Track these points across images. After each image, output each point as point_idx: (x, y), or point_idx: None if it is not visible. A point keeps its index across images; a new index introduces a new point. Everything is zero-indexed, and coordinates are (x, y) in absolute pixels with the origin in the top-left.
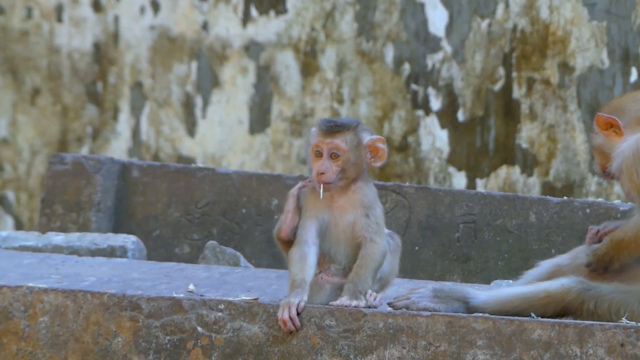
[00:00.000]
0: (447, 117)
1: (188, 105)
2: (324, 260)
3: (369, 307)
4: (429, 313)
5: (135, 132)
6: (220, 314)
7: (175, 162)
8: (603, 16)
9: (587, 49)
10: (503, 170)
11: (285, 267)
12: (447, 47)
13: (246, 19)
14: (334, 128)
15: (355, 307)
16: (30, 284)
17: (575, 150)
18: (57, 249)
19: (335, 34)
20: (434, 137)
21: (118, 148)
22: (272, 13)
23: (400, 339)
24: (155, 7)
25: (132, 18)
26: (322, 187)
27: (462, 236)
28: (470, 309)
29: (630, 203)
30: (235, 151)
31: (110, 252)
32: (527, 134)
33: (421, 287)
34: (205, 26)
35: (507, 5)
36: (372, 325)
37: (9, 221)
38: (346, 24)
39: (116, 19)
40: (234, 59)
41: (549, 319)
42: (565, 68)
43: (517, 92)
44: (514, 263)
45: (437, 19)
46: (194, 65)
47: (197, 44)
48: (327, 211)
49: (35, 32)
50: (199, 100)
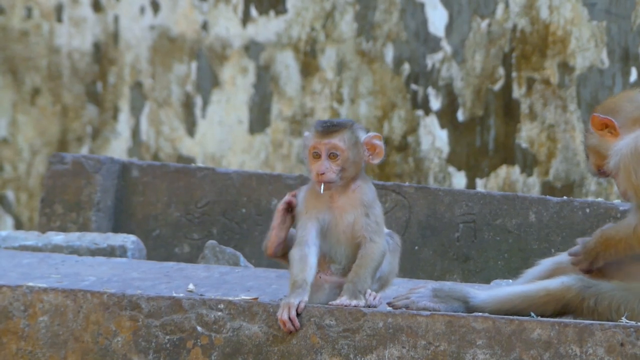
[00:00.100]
0: (447, 117)
1: (188, 105)
2: (324, 260)
3: (369, 307)
4: (428, 313)
5: (135, 132)
6: (220, 313)
7: (175, 162)
8: (603, 16)
9: (587, 48)
10: (503, 170)
11: (284, 267)
12: (447, 47)
13: (246, 19)
14: (330, 128)
15: (355, 306)
16: (30, 284)
17: (575, 150)
18: (57, 249)
19: (335, 34)
20: (434, 137)
21: (118, 148)
22: (272, 13)
23: (400, 339)
24: (155, 7)
25: (132, 18)
26: (322, 184)
27: (462, 236)
28: (470, 308)
29: (627, 202)
30: (235, 151)
31: (110, 252)
32: (527, 133)
33: (421, 286)
34: (205, 26)
35: (507, 5)
36: (372, 325)
37: (9, 221)
38: (346, 24)
39: (116, 19)
40: (234, 59)
41: (548, 319)
42: (565, 68)
43: (517, 92)
44: (514, 263)
45: (437, 19)
46: (194, 65)
47: (197, 44)
48: (327, 211)
49: (35, 32)
50: (199, 100)
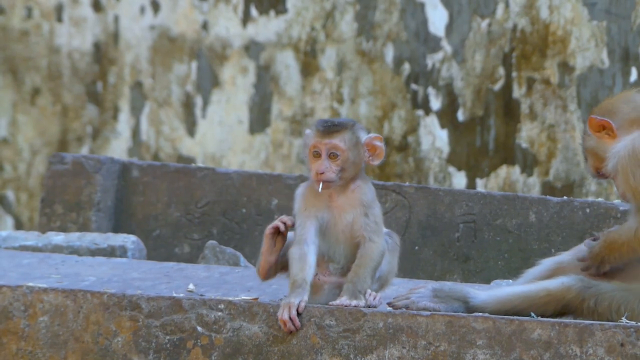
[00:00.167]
0: (447, 117)
1: (188, 105)
2: (323, 260)
3: (369, 307)
4: (428, 313)
5: (135, 132)
6: (220, 313)
7: (175, 162)
8: (603, 16)
9: (587, 48)
10: (503, 170)
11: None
12: (447, 47)
13: (246, 18)
14: (331, 128)
15: (355, 306)
16: (30, 284)
17: (575, 150)
18: (57, 249)
19: (335, 33)
20: (434, 137)
21: (118, 148)
22: (272, 13)
23: (400, 339)
24: (155, 7)
25: (132, 18)
26: (321, 183)
27: (462, 236)
28: (470, 308)
29: (627, 203)
30: (235, 151)
31: (110, 252)
32: (527, 133)
33: (421, 286)
34: (205, 26)
35: (507, 5)
36: (372, 325)
37: (9, 221)
38: (346, 24)
39: (116, 19)
40: (234, 59)
41: (548, 319)
42: (565, 68)
43: (517, 91)
44: (514, 263)
45: (437, 19)
46: (194, 65)
47: (197, 43)
48: (326, 211)
49: (35, 32)
50: (199, 100)
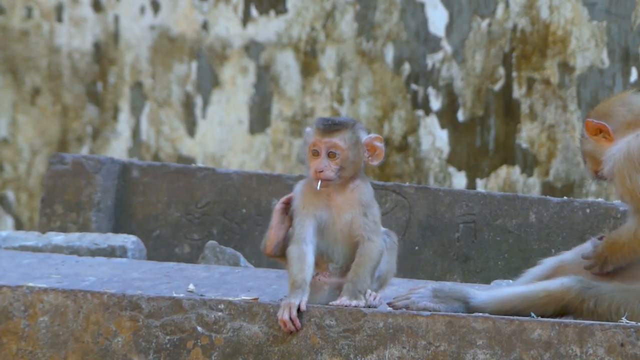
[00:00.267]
0: (447, 117)
1: (188, 105)
2: (322, 260)
3: (369, 307)
4: (429, 313)
5: (135, 132)
6: (220, 313)
7: (175, 162)
8: (603, 16)
9: (587, 48)
10: (503, 170)
11: (284, 268)
12: (447, 47)
13: (246, 18)
14: (331, 127)
15: (355, 306)
16: (30, 284)
17: (575, 150)
18: (57, 249)
19: (335, 33)
20: (434, 137)
21: (118, 148)
22: (272, 13)
23: (400, 339)
24: (155, 7)
25: (132, 18)
26: (319, 181)
27: (462, 236)
28: (470, 308)
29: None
30: (235, 151)
31: (110, 252)
32: (527, 133)
33: (421, 287)
34: (205, 26)
35: (507, 5)
36: (372, 325)
37: (9, 221)
38: (346, 24)
39: (116, 19)
40: (234, 59)
41: (548, 319)
42: (565, 68)
43: (517, 92)
44: (514, 263)
45: (437, 19)
46: (194, 65)
47: (197, 43)
48: (325, 210)
49: (35, 32)
50: (199, 100)
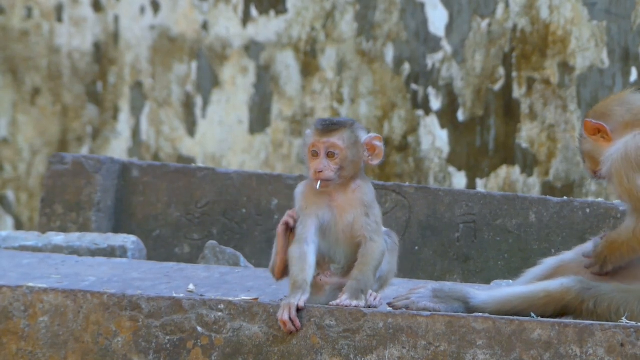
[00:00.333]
0: (447, 117)
1: (188, 105)
2: (323, 260)
3: (369, 307)
4: (429, 313)
5: (135, 132)
6: (220, 313)
7: (175, 162)
8: (603, 16)
9: (587, 48)
10: (503, 170)
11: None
12: (447, 47)
13: (246, 18)
14: (330, 127)
15: (355, 307)
16: (30, 284)
17: (575, 150)
18: (57, 249)
19: (335, 33)
20: (434, 137)
21: (118, 148)
22: (272, 13)
23: (400, 339)
24: (155, 7)
25: (132, 18)
26: (319, 182)
27: (462, 236)
28: (470, 309)
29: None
30: (235, 151)
31: (110, 252)
32: (527, 133)
33: (421, 287)
34: (205, 26)
35: (507, 5)
36: (372, 325)
37: (9, 221)
38: (346, 24)
39: (116, 19)
40: (234, 59)
41: (549, 319)
42: (565, 68)
43: (517, 92)
44: (514, 263)
45: (437, 19)
46: (194, 65)
47: (197, 43)
48: (327, 210)
49: (35, 32)
50: (199, 100)
